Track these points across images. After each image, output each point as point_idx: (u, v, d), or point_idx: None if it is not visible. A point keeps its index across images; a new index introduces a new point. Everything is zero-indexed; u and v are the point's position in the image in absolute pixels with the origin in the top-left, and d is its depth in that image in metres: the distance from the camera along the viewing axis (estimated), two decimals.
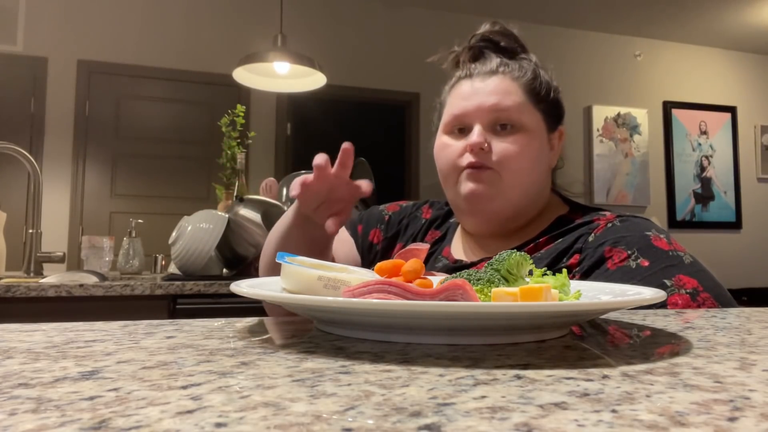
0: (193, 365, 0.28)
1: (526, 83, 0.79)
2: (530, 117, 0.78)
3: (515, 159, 0.75)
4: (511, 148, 0.75)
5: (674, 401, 0.22)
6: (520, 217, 0.80)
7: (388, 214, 0.96)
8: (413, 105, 4.43)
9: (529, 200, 0.79)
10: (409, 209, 0.96)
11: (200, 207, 2.12)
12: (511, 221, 0.80)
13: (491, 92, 0.77)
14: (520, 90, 0.78)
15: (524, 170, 0.76)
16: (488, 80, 0.78)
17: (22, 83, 3.65)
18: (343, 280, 0.43)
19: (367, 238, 0.94)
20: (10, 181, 3.59)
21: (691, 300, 0.64)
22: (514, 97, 0.77)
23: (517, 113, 0.76)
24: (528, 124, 0.77)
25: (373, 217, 0.96)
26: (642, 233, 0.71)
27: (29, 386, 0.24)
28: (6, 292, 1.47)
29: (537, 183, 0.79)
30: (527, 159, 0.76)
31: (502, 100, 0.76)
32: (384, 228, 0.94)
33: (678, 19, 4.74)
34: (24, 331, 0.39)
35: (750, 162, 5.32)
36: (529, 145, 0.76)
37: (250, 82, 2.37)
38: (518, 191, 0.77)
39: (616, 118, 4.89)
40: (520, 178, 0.76)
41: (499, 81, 0.78)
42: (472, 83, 0.79)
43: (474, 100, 0.78)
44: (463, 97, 0.79)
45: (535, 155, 0.77)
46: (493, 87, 0.78)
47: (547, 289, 0.36)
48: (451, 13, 4.57)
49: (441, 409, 0.20)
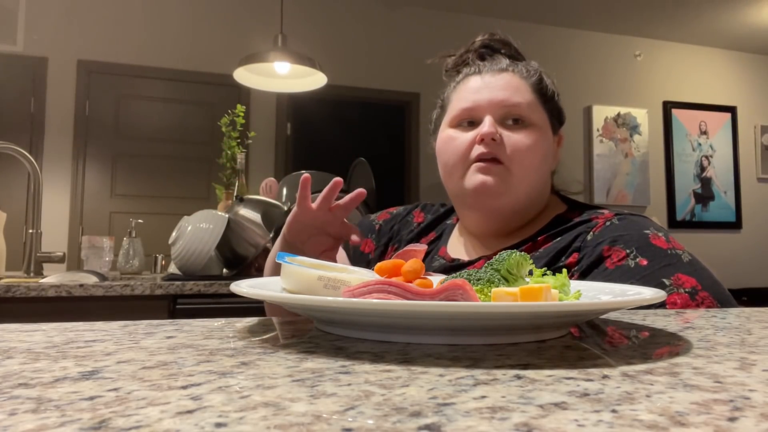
0: (193, 365, 0.28)
1: (534, 83, 0.79)
2: (539, 115, 0.78)
3: (526, 153, 0.75)
4: (524, 142, 0.75)
5: (674, 401, 0.22)
6: (522, 215, 0.80)
7: (379, 223, 0.96)
8: (413, 105, 4.43)
9: (532, 199, 0.79)
10: (399, 214, 0.97)
11: (200, 207, 2.12)
12: (513, 220, 0.80)
13: (502, 87, 0.78)
14: (529, 89, 0.79)
15: (534, 166, 0.76)
16: (498, 76, 0.79)
17: (22, 83, 3.65)
18: (343, 280, 0.43)
19: (358, 249, 0.94)
20: (10, 181, 3.59)
21: (690, 299, 0.64)
22: (525, 93, 0.78)
23: (528, 109, 0.77)
24: (538, 121, 0.78)
25: (363, 228, 0.97)
26: (640, 232, 0.71)
27: (29, 386, 0.24)
28: (6, 292, 1.47)
29: (541, 182, 0.79)
30: (537, 155, 0.76)
31: (513, 95, 0.77)
32: (375, 237, 0.95)
33: (678, 19, 4.74)
34: (24, 331, 0.39)
35: (750, 162, 5.32)
36: (539, 142, 0.77)
37: (250, 82, 2.37)
38: (525, 188, 0.77)
39: (616, 118, 4.89)
40: (528, 175, 0.76)
41: (510, 77, 0.79)
42: (482, 78, 0.80)
43: (485, 93, 0.78)
44: (474, 91, 0.79)
45: (544, 152, 0.78)
46: (504, 82, 0.78)
47: (547, 289, 0.36)
48: (451, 13, 4.57)
49: (441, 409, 0.20)
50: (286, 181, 2.13)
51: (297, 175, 2.15)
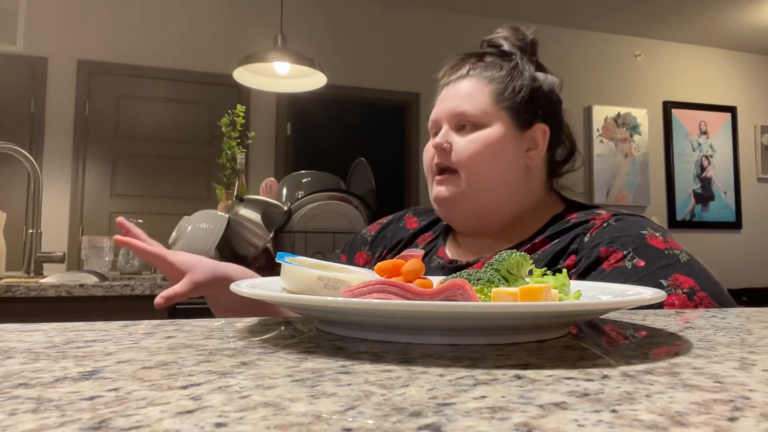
0: (193, 365, 0.28)
1: (492, 81, 0.80)
2: (491, 116, 0.78)
3: (472, 156, 0.76)
4: (469, 146, 0.77)
5: (674, 401, 0.22)
6: (498, 214, 0.80)
7: (371, 235, 0.97)
8: (413, 105, 4.43)
9: (500, 199, 0.79)
10: (390, 222, 0.98)
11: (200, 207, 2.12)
12: (489, 220, 0.80)
13: (456, 95, 0.81)
14: (486, 88, 0.79)
15: (483, 167, 0.77)
16: (458, 84, 0.82)
17: (22, 83, 3.65)
18: (343, 280, 0.43)
19: (353, 263, 0.95)
20: (10, 181, 3.58)
21: (687, 300, 0.64)
22: (476, 97, 0.79)
23: (477, 114, 0.78)
24: (488, 123, 0.78)
25: (356, 242, 0.98)
26: (637, 232, 0.71)
27: (29, 386, 0.24)
28: (6, 292, 1.47)
29: (506, 182, 0.78)
30: (486, 155, 0.76)
31: (461, 104, 0.79)
32: (368, 249, 0.96)
33: (678, 19, 4.74)
34: (24, 331, 0.39)
35: (750, 162, 5.32)
36: (487, 142, 0.77)
37: (250, 82, 2.37)
38: (482, 191, 0.77)
39: (616, 118, 4.89)
40: (481, 177, 0.77)
41: (466, 84, 0.81)
42: (446, 89, 0.83)
43: (444, 104, 0.82)
44: (438, 102, 0.84)
45: (495, 152, 0.77)
46: (458, 91, 0.81)
47: (547, 289, 0.36)
48: (451, 13, 4.57)
49: (441, 409, 0.20)
50: (286, 181, 2.13)
51: (297, 175, 2.15)
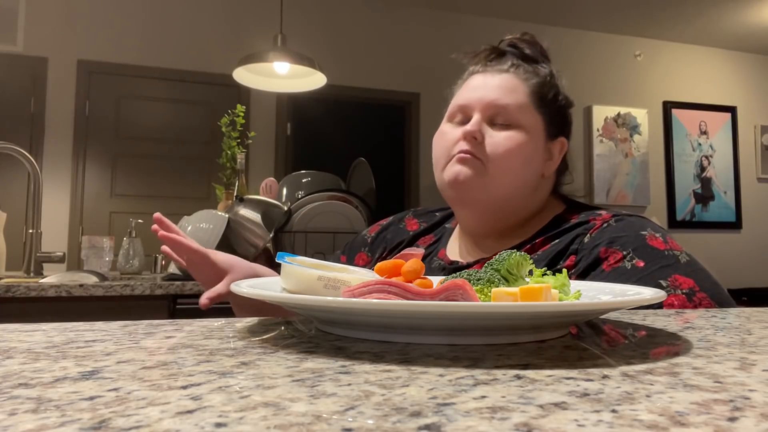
0: (193, 365, 0.28)
1: (533, 84, 0.79)
2: (529, 118, 0.78)
3: (505, 154, 0.75)
4: (503, 144, 0.76)
5: (674, 401, 0.22)
6: (506, 216, 0.80)
7: (370, 236, 0.97)
8: (413, 105, 4.43)
9: (514, 202, 0.79)
10: (390, 223, 0.97)
11: (200, 207, 2.12)
12: (498, 218, 0.80)
13: (495, 87, 0.78)
14: (526, 90, 0.78)
15: (512, 168, 0.76)
16: (497, 76, 0.80)
17: (22, 83, 3.65)
18: (343, 280, 0.43)
19: (353, 264, 0.95)
20: (10, 181, 3.58)
21: (687, 300, 0.64)
22: (517, 95, 0.78)
23: (516, 112, 0.77)
24: (525, 124, 0.77)
25: (356, 243, 0.98)
26: (637, 233, 0.71)
27: (29, 386, 0.24)
28: (6, 292, 1.47)
29: (525, 186, 0.78)
30: (517, 157, 0.76)
31: (502, 97, 0.77)
32: (368, 250, 0.95)
33: (678, 19, 4.74)
34: (24, 331, 0.39)
35: (750, 162, 5.32)
36: (522, 145, 0.76)
37: (250, 82, 2.37)
38: (503, 188, 0.77)
39: (616, 118, 4.89)
40: (505, 175, 0.76)
41: (507, 79, 0.79)
42: (483, 77, 0.81)
43: (478, 92, 0.79)
44: (471, 89, 0.80)
45: (526, 156, 0.77)
46: (498, 83, 0.79)
47: (547, 289, 0.36)
48: (451, 13, 4.57)
49: (441, 409, 0.20)
50: (286, 181, 2.13)
51: (297, 175, 2.15)
